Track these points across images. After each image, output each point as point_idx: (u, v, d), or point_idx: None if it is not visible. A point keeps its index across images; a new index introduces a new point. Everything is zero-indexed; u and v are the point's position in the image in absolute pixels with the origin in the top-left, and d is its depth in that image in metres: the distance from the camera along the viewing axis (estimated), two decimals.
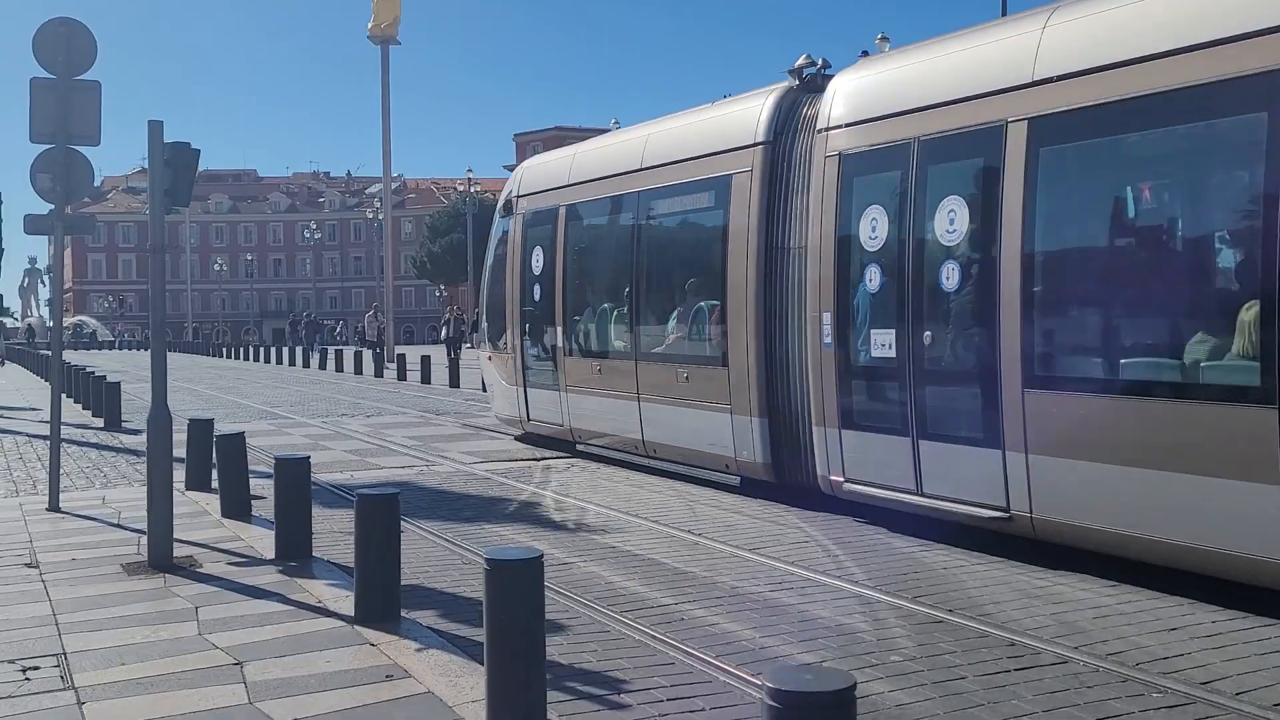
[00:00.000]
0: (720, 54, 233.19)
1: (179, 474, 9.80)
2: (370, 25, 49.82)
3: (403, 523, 6.93)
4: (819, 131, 9.99)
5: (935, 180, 8.75)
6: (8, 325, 61.67)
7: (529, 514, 10.49)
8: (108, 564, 8.10)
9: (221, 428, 11.89)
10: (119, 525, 9.62)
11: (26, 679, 5.60)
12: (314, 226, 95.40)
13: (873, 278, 9.28)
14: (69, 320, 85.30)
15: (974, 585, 7.48)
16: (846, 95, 9.81)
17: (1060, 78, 7.72)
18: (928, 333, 8.71)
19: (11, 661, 5.86)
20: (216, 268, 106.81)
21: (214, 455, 10.72)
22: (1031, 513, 7.84)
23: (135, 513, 9.52)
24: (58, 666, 5.79)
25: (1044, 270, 7.93)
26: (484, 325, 17.07)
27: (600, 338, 13.64)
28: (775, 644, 6.22)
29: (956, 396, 8.67)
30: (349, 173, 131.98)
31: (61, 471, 10.93)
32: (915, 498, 8.85)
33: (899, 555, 8.43)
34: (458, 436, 17.08)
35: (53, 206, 10.47)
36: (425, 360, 31.61)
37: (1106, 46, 7.51)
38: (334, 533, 9.21)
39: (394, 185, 69.78)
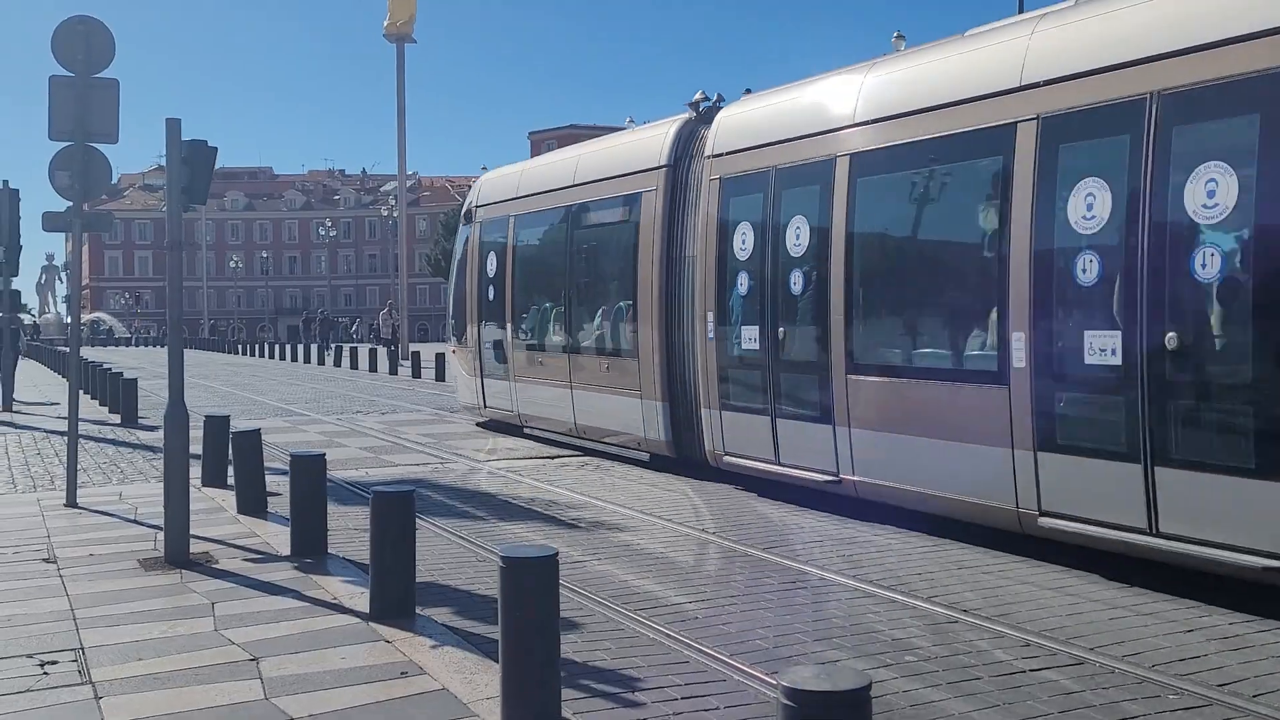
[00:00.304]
0: (736, 51, 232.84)
1: (195, 470, 9.84)
2: (386, 23, 49.90)
3: (417, 520, 6.95)
4: (706, 158, 11.83)
5: (787, 202, 10.57)
6: (26, 322, 62.04)
7: (543, 511, 10.51)
8: (125, 559, 8.15)
9: (237, 424, 11.94)
10: (136, 521, 9.67)
11: (45, 673, 5.64)
12: (329, 224, 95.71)
13: (743, 283, 11.14)
14: (86, 317, 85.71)
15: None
16: (727, 128, 11.65)
17: (871, 121, 9.63)
18: (781, 329, 10.58)
19: (30, 656, 5.90)
20: (232, 265, 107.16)
21: (230, 452, 10.76)
22: (854, 476, 9.67)
23: (152, 509, 9.57)
24: (75, 661, 5.83)
25: (859, 279, 9.79)
26: (450, 322, 19.20)
27: (541, 333, 15.50)
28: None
29: (802, 382, 10.43)
30: (364, 170, 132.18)
31: (79, 467, 11.00)
32: (775, 466, 10.71)
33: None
34: (472, 434, 17.12)
35: (71, 204, 10.53)
36: (439, 357, 31.62)
37: (903, 97, 9.42)
38: (349, 529, 9.24)
39: (409, 183, 69.95)
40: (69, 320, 12.69)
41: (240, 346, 64.46)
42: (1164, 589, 7.10)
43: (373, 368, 36.17)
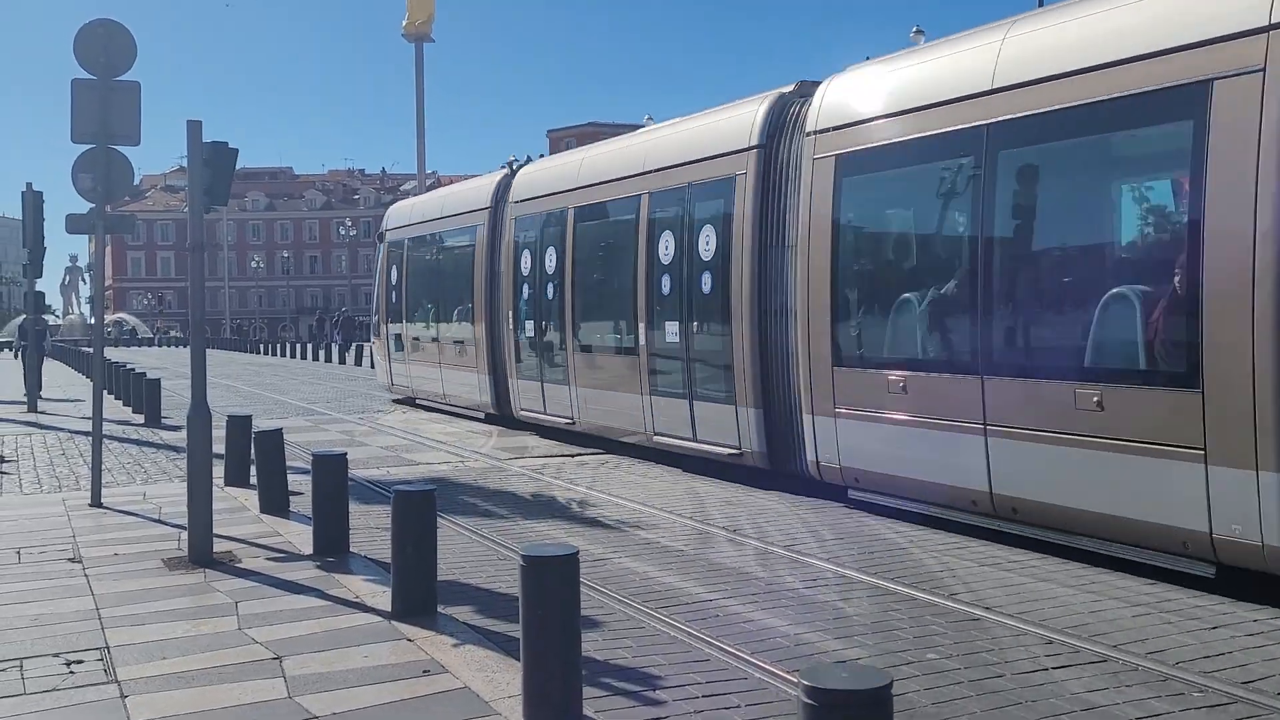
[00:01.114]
0: (753, 48, 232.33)
1: (218, 470, 9.89)
2: (404, 23, 50.10)
3: (438, 518, 6.97)
4: (510, 202, 17.06)
5: (546, 237, 15.66)
6: (50, 322, 62.45)
7: (563, 509, 10.54)
8: (149, 559, 8.21)
9: (260, 424, 12.00)
10: (160, 520, 9.74)
11: (71, 672, 5.69)
12: (349, 223, 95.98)
13: (525, 291, 16.32)
14: (109, 317, 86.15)
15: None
16: (520, 183, 16.98)
17: (583, 186, 14.80)
18: (544, 322, 15.73)
19: (56, 655, 5.96)
20: (253, 265, 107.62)
21: (253, 451, 10.82)
22: (580, 420, 14.82)
23: (176, 508, 9.64)
24: (101, 660, 5.88)
25: (578, 289, 14.91)
26: (373, 320, 24.91)
27: (423, 326, 20.91)
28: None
29: (554, 357, 15.50)
30: (384, 169, 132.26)
31: (103, 467, 11.09)
32: (543, 416, 15.91)
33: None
34: (492, 432, 17.17)
35: (93, 205, 10.60)
36: None
37: (597, 170, 14.54)
38: (371, 528, 9.28)
39: (428, 181, 70.01)
40: (93, 321, 12.76)
41: (262, 346, 64.78)
42: (1185, 587, 7.06)
43: None
